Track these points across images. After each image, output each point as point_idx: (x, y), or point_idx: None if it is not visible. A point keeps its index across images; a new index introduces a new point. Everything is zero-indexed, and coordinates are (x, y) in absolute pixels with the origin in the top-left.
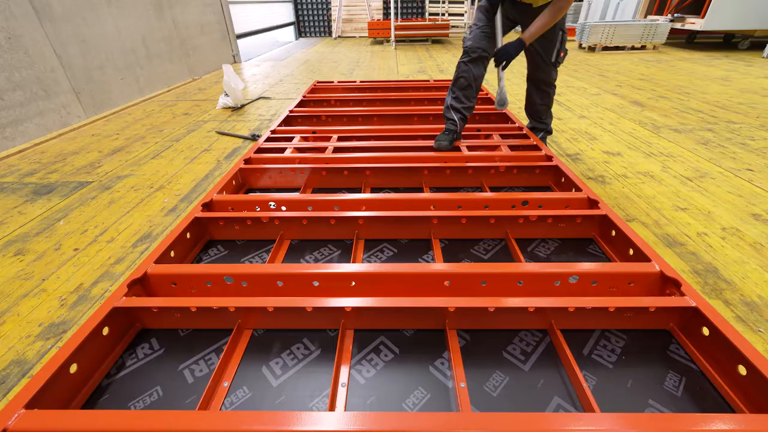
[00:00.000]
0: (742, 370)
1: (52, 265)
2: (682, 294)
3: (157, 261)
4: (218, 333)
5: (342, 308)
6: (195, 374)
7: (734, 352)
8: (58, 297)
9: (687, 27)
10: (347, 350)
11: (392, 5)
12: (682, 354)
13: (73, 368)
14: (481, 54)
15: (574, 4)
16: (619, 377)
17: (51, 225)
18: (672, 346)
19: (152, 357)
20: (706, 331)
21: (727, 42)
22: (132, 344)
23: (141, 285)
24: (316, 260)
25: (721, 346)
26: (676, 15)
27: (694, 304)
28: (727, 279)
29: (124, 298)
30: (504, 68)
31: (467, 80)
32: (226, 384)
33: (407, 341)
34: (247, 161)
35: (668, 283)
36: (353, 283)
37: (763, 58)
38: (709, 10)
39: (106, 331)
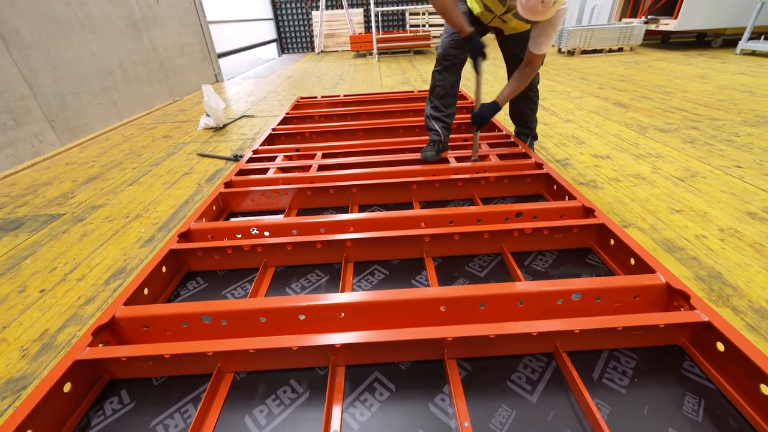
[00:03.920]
0: (765, 389)
1: (15, 310)
2: (692, 307)
3: (128, 302)
4: (196, 379)
5: (331, 345)
6: (169, 430)
7: (754, 370)
8: (18, 347)
9: (661, 28)
10: (339, 389)
11: (373, 19)
12: (697, 372)
13: None
14: (453, 61)
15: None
16: (633, 403)
17: (16, 264)
18: (685, 363)
19: (121, 413)
20: (720, 346)
21: (700, 41)
22: (99, 399)
23: (109, 330)
24: (303, 287)
25: (738, 363)
26: (650, 17)
27: (706, 319)
28: (732, 284)
29: (88, 348)
30: (479, 129)
31: (444, 89)
32: None
33: (404, 375)
34: (227, 184)
35: (676, 295)
36: (342, 314)
37: (737, 55)
38: (681, 11)
39: (67, 387)
